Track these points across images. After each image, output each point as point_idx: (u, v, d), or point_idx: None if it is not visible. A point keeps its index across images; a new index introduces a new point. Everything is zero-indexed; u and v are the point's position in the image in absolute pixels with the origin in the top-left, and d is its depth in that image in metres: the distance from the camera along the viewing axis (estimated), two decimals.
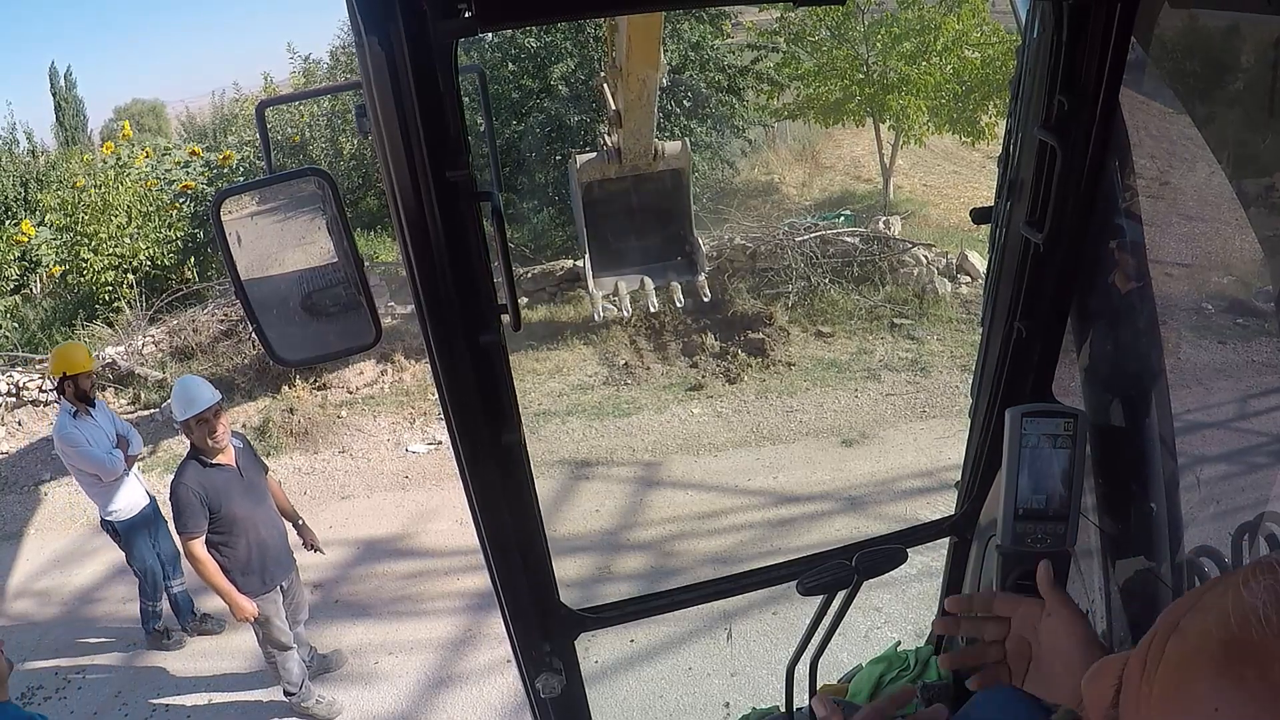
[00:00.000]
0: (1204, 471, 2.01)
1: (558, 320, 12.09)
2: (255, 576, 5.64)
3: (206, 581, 5.53)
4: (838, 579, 2.11)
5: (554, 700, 2.13)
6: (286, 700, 6.07)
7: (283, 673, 5.95)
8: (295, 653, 6.00)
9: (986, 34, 13.83)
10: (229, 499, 5.54)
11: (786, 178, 18.32)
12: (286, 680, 5.99)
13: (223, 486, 5.54)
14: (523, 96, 14.06)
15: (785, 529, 7.74)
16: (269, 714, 6.27)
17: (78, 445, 6.38)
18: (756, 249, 12.33)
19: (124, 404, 11.25)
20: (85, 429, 6.47)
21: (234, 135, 17.88)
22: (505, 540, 1.85)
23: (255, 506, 5.73)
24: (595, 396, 10.57)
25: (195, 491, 5.42)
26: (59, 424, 6.57)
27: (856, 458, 8.84)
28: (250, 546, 5.63)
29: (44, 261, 14.92)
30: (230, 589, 5.52)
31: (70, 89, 28.87)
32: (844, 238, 12.38)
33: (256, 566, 5.66)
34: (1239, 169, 1.76)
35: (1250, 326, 1.99)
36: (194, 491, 5.42)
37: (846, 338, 11.17)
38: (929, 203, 16.58)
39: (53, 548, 8.56)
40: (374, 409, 10.71)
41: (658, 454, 9.31)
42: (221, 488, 5.53)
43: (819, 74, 14.78)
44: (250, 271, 1.65)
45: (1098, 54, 1.67)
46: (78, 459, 6.43)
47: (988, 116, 14.00)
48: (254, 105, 16.83)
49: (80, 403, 6.52)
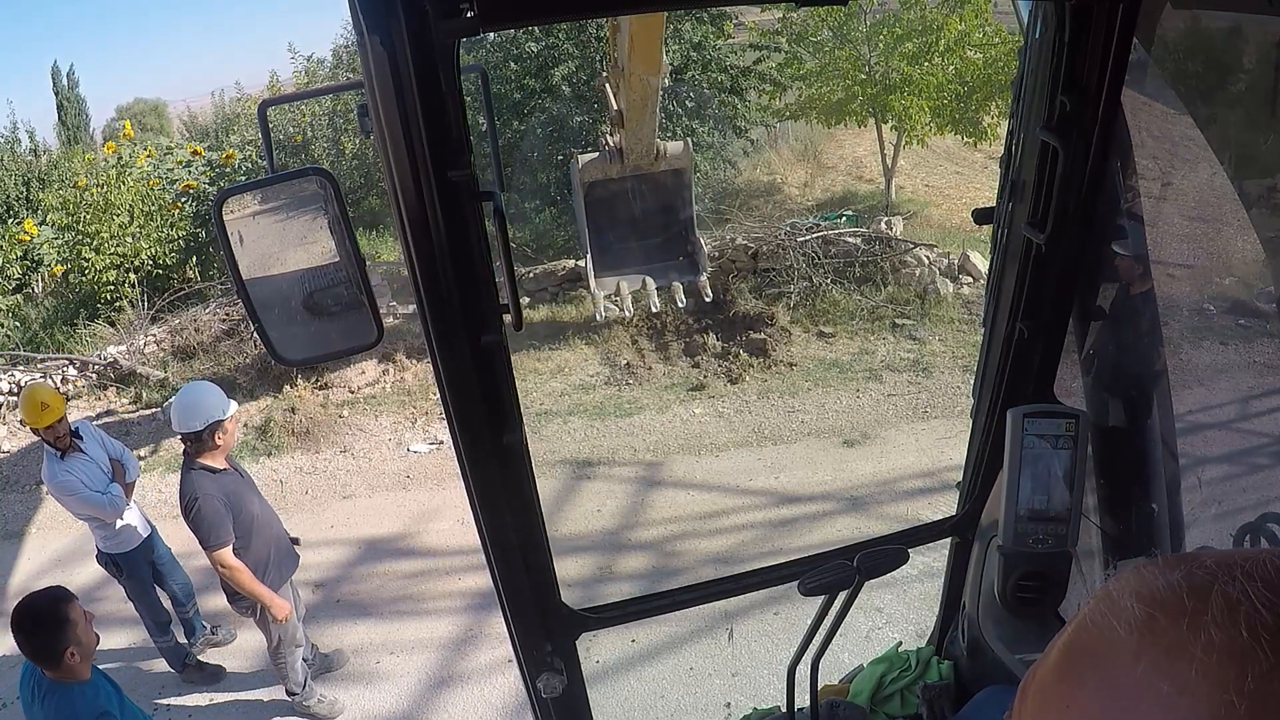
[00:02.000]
0: (1205, 472, 2.01)
1: (560, 320, 12.09)
2: (275, 573, 5.62)
3: (243, 589, 5.42)
4: (839, 579, 2.11)
5: (555, 700, 2.13)
6: (289, 700, 6.06)
7: (290, 673, 5.92)
8: (301, 652, 5.98)
9: (989, 35, 13.80)
10: (245, 500, 5.52)
11: (788, 178, 18.31)
12: (293, 680, 5.96)
13: (235, 490, 5.49)
14: (525, 97, 14.05)
15: (786, 529, 7.74)
16: (270, 713, 6.26)
17: (76, 492, 5.98)
18: (758, 249, 12.33)
19: (125, 403, 11.26)
20: (76, 468, 6.02)
21: (236, 135, 17.85)
22: (506, 540, 1.85)
23: (262, 504, 5.74)
24: (597, 396, 10.56)
25: (219, 500, 5.32)
26: (48, 471, 6.06)
27: (858, 458, 8.84)
28: (269, 544, 5.62)
29: (46, 261, 14.89)
30: (267, 591, 5.46)
31: (72, 88, 28.88)
32: (846, 238, 12.38)
33: (275, 563, 5.64)
34: (1240, 170, 1.76)
35: (1252, 327, 1.99)
36: (218, 500, 5.32)
37: (848, 338, 11.17)
38: (931, 203, 16.57)
39: (54, 547, 8.55)
40: (376, 408, 10.71)
41: (659, 454, 9.31)
42: (235, 491, 5.48)
43: (821, 74, 14.76)
44: (252, 271, 1.65)
45: (1099, 55, 1.67)
46: (76, 505, 6.08)
47: (990, 117, 13.98)
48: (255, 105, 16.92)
49: (59, 448, 6.04)
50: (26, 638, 3.87)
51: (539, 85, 14.02)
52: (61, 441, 6.02)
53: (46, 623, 3.85)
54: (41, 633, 3.85)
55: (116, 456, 6.36)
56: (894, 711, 2.60)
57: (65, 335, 13.30)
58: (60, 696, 3.87)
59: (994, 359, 2.15)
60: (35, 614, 3.88)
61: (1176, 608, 0.65)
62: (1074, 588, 2.19)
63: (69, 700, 3.87)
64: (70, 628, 3.85)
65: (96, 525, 6.20)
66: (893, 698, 2.62)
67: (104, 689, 4.04)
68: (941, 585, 2.68)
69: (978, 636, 2.39)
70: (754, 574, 2.31)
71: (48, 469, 6.05)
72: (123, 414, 11.07)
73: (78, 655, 3.87)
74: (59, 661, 3.83)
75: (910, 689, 2.62)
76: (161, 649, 6.58)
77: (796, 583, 2.12)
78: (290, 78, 18.43)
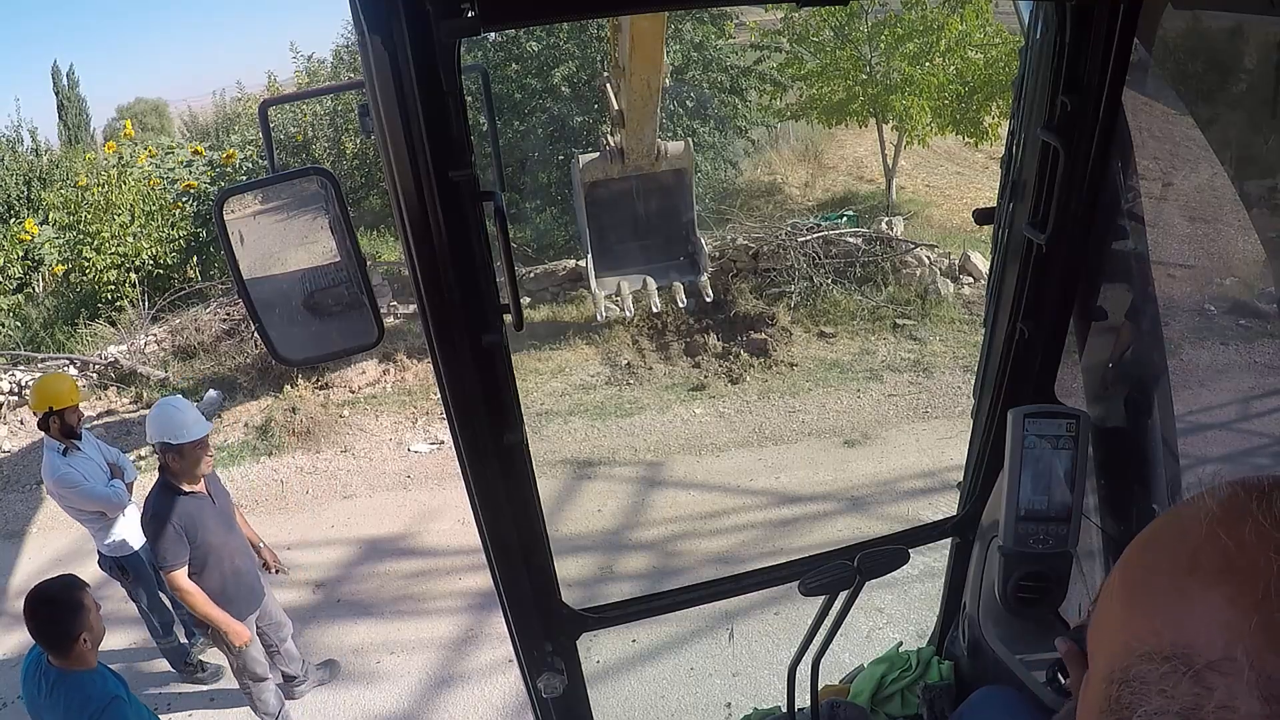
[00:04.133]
0: (1206, 472, 2.01)
1: (560, 320, 12.09)
2: (230, 606, 5.43)
3: (196, 612, 5.31)
4: (840, 579, 2.11)
5: (556, 700, 2.13)
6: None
7: (259, 704, 5.78)
8: (270, 683, 5.84)
9: (990, 35, 13.80)
10: (204, 528, 5.34)
11: (789, 178, 18.30)
12: (264, 712, 5.81)
13: (197, 514, 5.32)
14: (525, 97, 14.05)
15: (787, 529, 7.74)
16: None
17: (77, 485, 5.95)
18: (759, 249, 12.33)
19: (126, 403, 11.26)
20: (78, 465, 6.00)
21: (237, 134, 17.85)
22: (507, 540, 1.85)
23: (227, 534, 5.54)
24: (598, 396, 10.56)
25: (175, 523, 5.20)
26: (49, 465, 6.00)
27: (858, 458, 8.83)
28: (224, 576, 5.44)
29: (47, 260, 14.89)
30: (223, 616, 5.32)
31: (73, 88, 28.82)
32: (847, 238, 12.37)
33: (231, 595, 5.46)
34: (1241, 170, 1.76)
35: (1252, 327, 1.99)
36: (174, 523, 5.19)
37: (849, 338, 11.17)
38: (932, 203, 16.55)
39: (55, 546, 8.55)
40: (376, 408, 10.71)
41: (660, 454, 9.31)
42: (196, 515, 5.31)
43: (822, 74, 14.75)
44: (253, 271, 1.65)
45: (1100, 55, 1.67)
46: (79, 500, 6.03)
47: (991, 117, 13.97)
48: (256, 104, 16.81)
49: (67, 439, 6.04)
50: (41, 624, 3.90)
51: (540, 85, 14.02)
52: (74, 430, 6.02)
53: (61, 607, 3.88)
54: (55, 618, 3.88)
55: (113, 460, 6.34)
56: (894, 711, 2.60)
57: (66, 335, 13.30)
58: (71, 683, 3.89)
59: (995, 359, 2.15)
60: (50, 599, 3.91)
61: (1255, 484, 0.77)
62: (1074, 588, 2.19)
63: (79, 686, 3.89)
64: (84, 613, 3.90)
65: (97, 529, 6.16)
66: (893, 698, 2.62)
67: (111, 678, 4.07)
68: (942, 585, 2.68)
69: (978, 637, 2.39)
70: (754, 574, 2.31)
71: (49, 464, 6.00)
72: (123, 414, 11.07)
73: (89, 641, 3.90)
74: (71, 647, 3.86)
75: (911, 689, 2.62)
76: (164, 649, 6.57)
77: (797, 583, 2.12)
78: (291, 77, 18.42)
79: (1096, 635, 0.86)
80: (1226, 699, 0.70)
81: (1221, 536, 0.74)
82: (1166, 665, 0.74)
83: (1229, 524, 0.75)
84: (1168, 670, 0.74)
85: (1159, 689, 0.74)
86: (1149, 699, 0.75)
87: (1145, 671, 0.76)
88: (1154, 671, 0.75)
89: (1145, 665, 0.76)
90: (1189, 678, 0.72)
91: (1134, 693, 0.76)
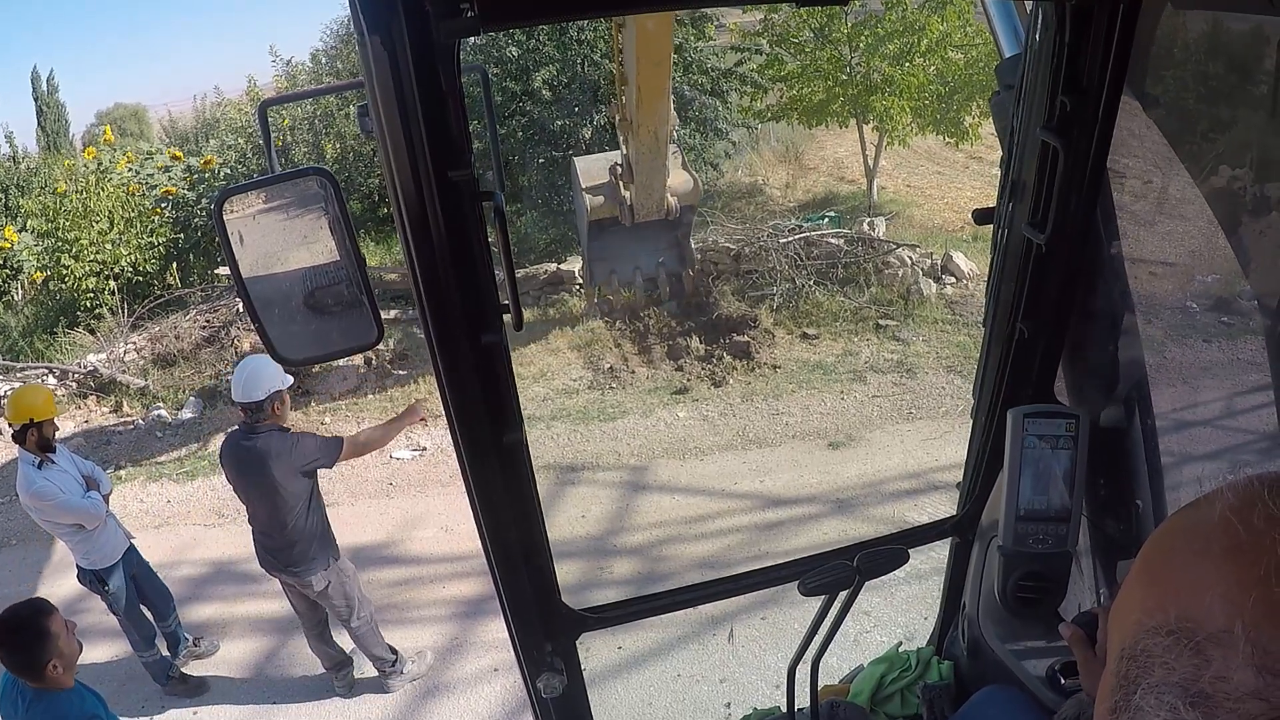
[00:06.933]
0: (1205, 471, 2.02)
1: (542, 323, 12.07)
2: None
3: (392, 434, 6.12)
4: (839, 579, 2.11)
5: (555, 700, 2.14)
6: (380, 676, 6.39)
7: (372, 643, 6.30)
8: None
9: (970, 35, 13.90)
10: None
11: (770, 179, 18.37)
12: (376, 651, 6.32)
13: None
14: (505, 100, 14.06)
15: (773, 532, 7.74)
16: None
17: (53, 498, 5.88)
18: (741, 251, 12.37)
19: (106, 412, 11.16)
20: (54, 478, 5.93)
21: (215, 139, 17.76)
22: (507, 540, 1.86)
23: None
24: (580, 401, 10.54)
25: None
26: (24, 478, 5.93)
27: (843, 460, 8.85)
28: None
29: (25, 268, 14.76)
30: (398, 416, 6.09)
31: (52, 93, 28.62)
32: (828, 239, 12.42)
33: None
34: (1242, 170, 1.76)
35: (1247, 326, 1.99)
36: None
37: (832, 340, 11.19)
38: (913, 204, 16.65)
39: (46, 553, 8.46)
40: (358, 415, 10.66)
41: (644, 458, 9.30)
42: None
43: (802, 75, 14.81)
44: (253, 270, 1.65)
45: (1100, 56, 1.68)
46: (55, 512, 5.96)
47: (971, 117, 14.08)
48: (235, 109, 16.80)
49: (43, 452, 5.97)
50: (8, 651, 3.85)
51: (519, 89, 14.04)
52: (50, 443, 5.98)
53: (27, 635, 3.82)
54: (23, 646, 3.82)
55: (88, 474, 6.26)
56: (894, 711, 2.60)
57: (45, 343, 13.21)
58: (47, 704, 3.86)
59: (994, 359, 2.16)
60: (15, 628, 3.85)
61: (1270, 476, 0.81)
62: (1074, 588, 2.20)
63: (55, 705, 3.86)
64: (51, 640, 3.83)
65: (75, 542, 6.11)
66: (893, 698, 2.62)
67: (90, 697, 4.03)
68: (942, 585, 2.68)
69: (978, 637, 2.40)
70: (754, 574, 2.31)
71: (24, 477, 5.93)
72: (102, 423, 10.97)
73: (60, 666, 3.85)
74: (41, 674, 3.81)
75: (910, 689, 2.62)
76: (146, 663, 6.49)
77: (796, 583, 2.12)
78: (270, 82, 18.35)
79: (1115, 618, 0.90)
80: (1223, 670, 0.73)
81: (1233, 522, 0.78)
82: (1170, 639, 0.78)
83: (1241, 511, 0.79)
84: (1170, 643, 0.78)
85: (1162, 661, 0.78)
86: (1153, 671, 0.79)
87: (1152, 645, 0.80)
88: (1159, 644, 0.79)
89: (1152, 639, 0.80)
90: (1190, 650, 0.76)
91: (1139, 667, 0.80)
